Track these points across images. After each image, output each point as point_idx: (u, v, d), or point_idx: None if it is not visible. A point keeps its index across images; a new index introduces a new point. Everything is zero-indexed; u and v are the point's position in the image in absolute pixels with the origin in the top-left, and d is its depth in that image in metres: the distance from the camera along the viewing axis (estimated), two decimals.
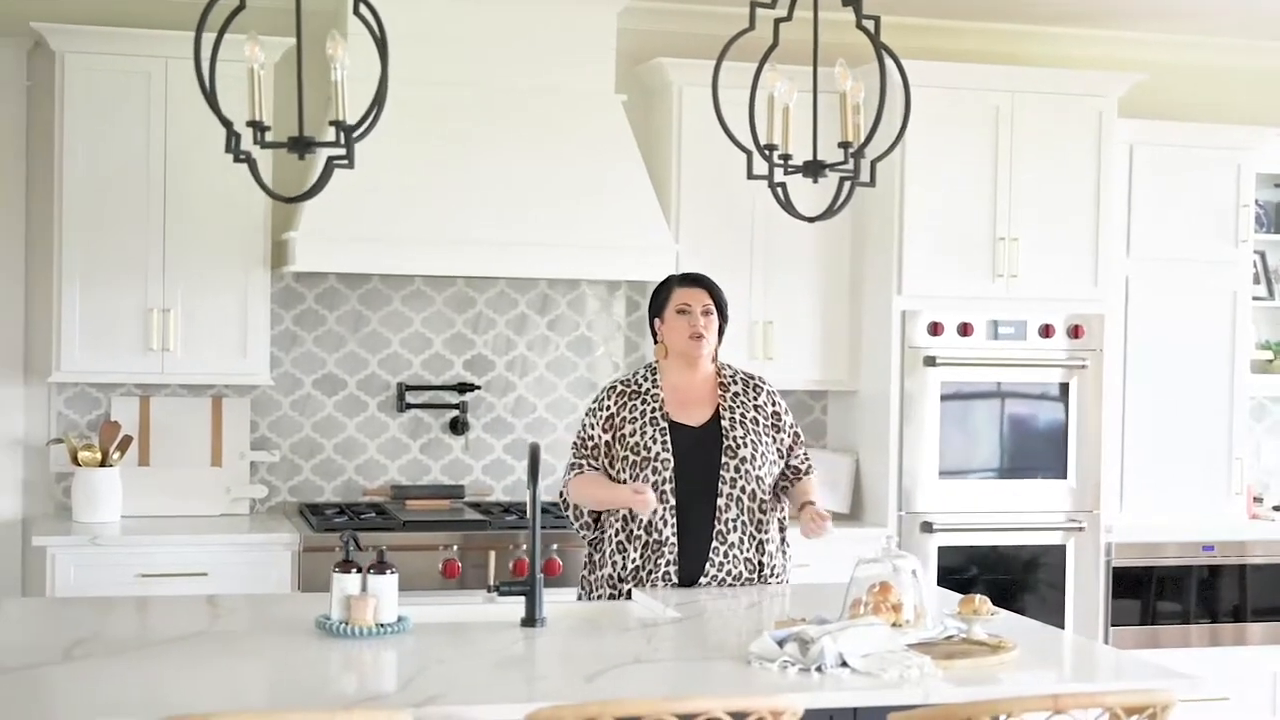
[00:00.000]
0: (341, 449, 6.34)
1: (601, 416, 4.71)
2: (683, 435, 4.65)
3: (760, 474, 4.65)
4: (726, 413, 4.68)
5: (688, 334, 4.70)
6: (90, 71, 5.78)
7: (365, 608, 3.90)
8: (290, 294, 6.27)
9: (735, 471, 4.62)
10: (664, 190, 6.26)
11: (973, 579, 6.25)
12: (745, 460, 4.63)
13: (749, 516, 4.63)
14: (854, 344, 6.46)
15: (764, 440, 4.69)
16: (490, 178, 5.93)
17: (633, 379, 4.78)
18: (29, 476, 6.07)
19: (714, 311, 4.75)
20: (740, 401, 4.71)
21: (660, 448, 4.61)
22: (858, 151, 3.97)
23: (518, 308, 6.49)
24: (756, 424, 4.69)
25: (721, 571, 4.60)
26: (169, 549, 5.59)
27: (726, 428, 4.66)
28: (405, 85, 5.89)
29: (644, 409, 4.67)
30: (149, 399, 6.11)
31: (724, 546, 4.61)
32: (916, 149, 6.19)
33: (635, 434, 4.64)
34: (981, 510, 6.29)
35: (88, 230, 5.77)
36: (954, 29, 6.70)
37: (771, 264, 6.36)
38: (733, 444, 4.64)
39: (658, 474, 4.60)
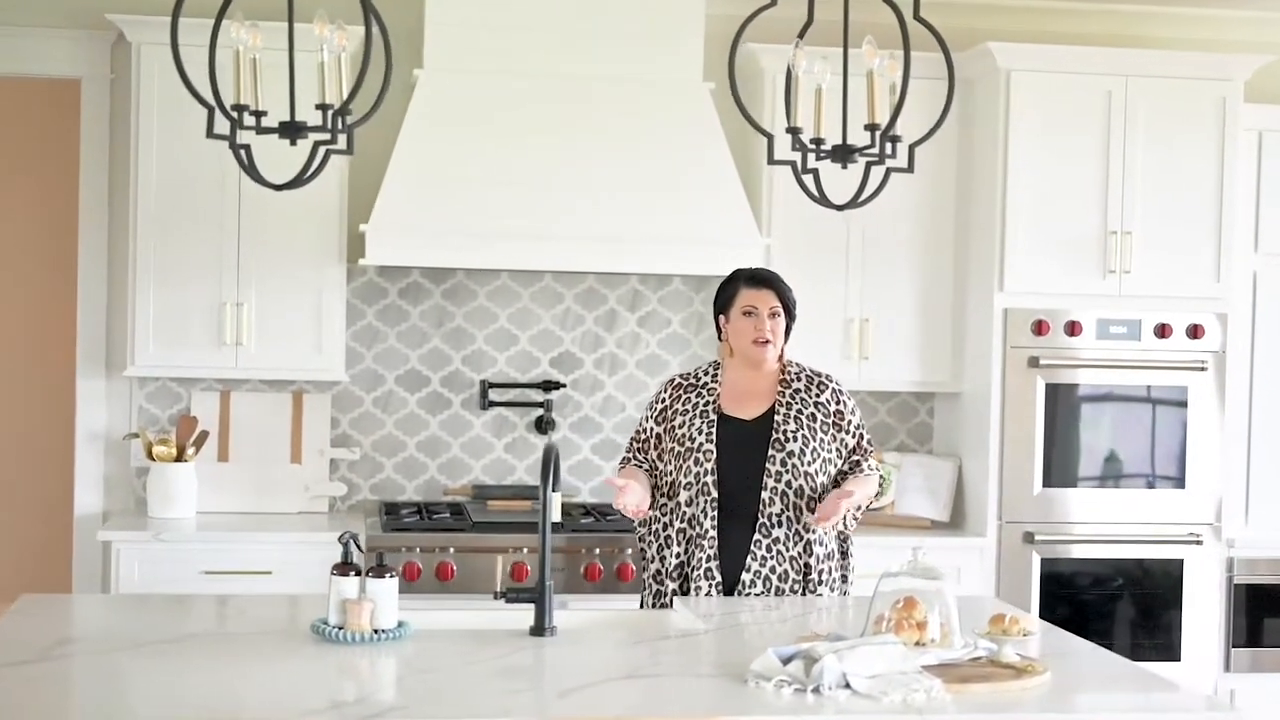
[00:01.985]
0: (424, 447, 6.21)
1: (657, 409, 4.63)
2: (732, 428, 4.49)
3: (810, 470, 4.44)
4: (781, 408, 4.49)
5: (753, 338, 4.52)
6: (166, 63, 5.70)
7: (361, 612, 3.74)
8: (372, 288, 6.16)
9: (781, 465, 4.43)
10: (755, 182, 6.01)
11: (1078, 595, 5.90)
12: (793, 455, 4.43)
13: (795, 513, 4.43)
14: (957, 343, 6.14)
15: (818, 438, 4.48)
16: (574, 169, 5.75)
17: (694, 373, 4.65)
18: (110, 471, 6.05)
19: (781, 314, 4.55)
20: (800, 398, 4.51)
21: (705, 439, 4.47)
22: (884, 133, 3.69)
23: (607, 304, 6.30)
24: (814, 420, 4.49)
25: (765, 568, 4.42)
26: (235, 546, 5.52)
27: (778, 422, 4.47)
28: (488, 75, 5.77)
29: (698, 402, 4.55)
30: (229, 394, 6.05)
31: (767, 540, 4.43)
32: (1021, 137, 5.86)
33: (684, 425, 4.52)
34: (1088, 521, 5.92)
35: (163, 224, 5.72)
36: (1061, 10, 6.33)
37: (868, 259, 6.07)
38: (781, 437, 4.45)
39: (700, 465, 4.46)
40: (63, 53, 6.00)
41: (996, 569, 5.88)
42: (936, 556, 5.71)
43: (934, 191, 6.10)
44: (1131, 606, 5.93)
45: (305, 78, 3.81)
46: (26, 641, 3.60)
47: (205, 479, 5.93)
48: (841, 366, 6.01)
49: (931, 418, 6.44)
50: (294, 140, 3.65)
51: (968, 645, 3.62)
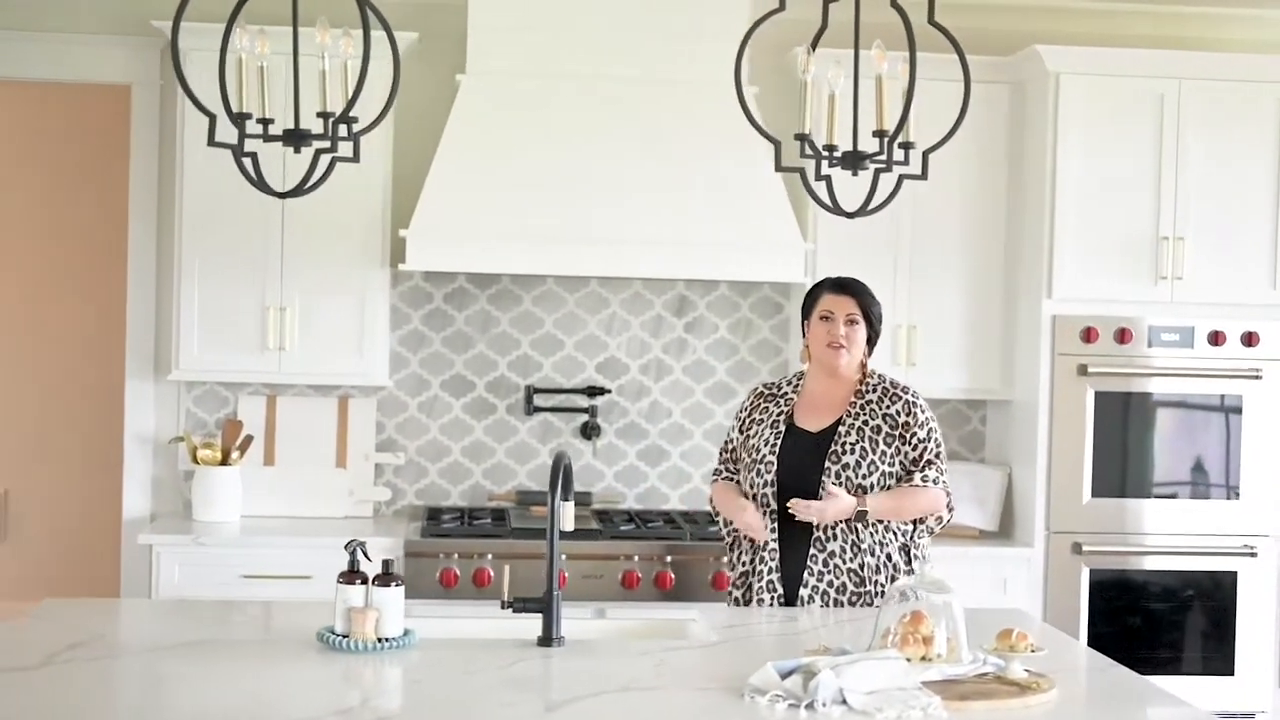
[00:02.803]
0: (469, 453, 6.21)
1: (741, 419, 4.64)
2: (797, 439, 4.47)
3: (866, 484, 4.38)
4: (848, 419, 4.44)
5: (826, 342, 4.49)
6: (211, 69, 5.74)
7: (366, 621, 3.73)
8: (418, 293, 6.17)
9: (836, 478, 4.37)
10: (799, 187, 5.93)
11: (1128, 608, 5.78)
12: (848, 467, 4.38)
13: (849, 526, 4.37)
14: (1006, 350, 6.04)
15: (879, 450, 4.41)
16: (616, 173, 5.73)
17: (778, 382, 4.66)
18: (158, 474, 6.11)
19: (860, 320, 4.51)
20: (870, 409, 4.46)
21: (768, 451, 4.46)
22: (892, 139, 3.62)
23: (653, 309, 6.27)
24: (877, 432, 4.42)
25: (822, 582, 4.37)
26: (275, 551, 5.54)
27: (840, 434, 4.42)
28: (532, 79, 5.76)
29: (774, 411, 4.54)
30: (275, 398, 6.08)
31: (823, 555, 4.39)
32: (1070, 141, 5.76)
33: (755, 436, 4.52)
34: (1139, 532, 5.80)
35: (207, 229, 5.76)
36: (1111, 11, 6.22)
37: (917, 265, 5.99)
38: (839, 449, 4.40)
39: (761, 477, 4.45)
40: (114, 59, 6.06)
41: (1044, 580, 5.78)
42: (982, 567, 5.71)
43: (984, 196, 6.01)
44: (1183, 619, 5.80)
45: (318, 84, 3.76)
46: (35, 645, 3.63)
47: (250, 483, 5.97)
48: (889, 373, 5.91)
49: (984, 425, 6.34)
50: (298, 148, 3.63)
51: (975, 661, 3.55)
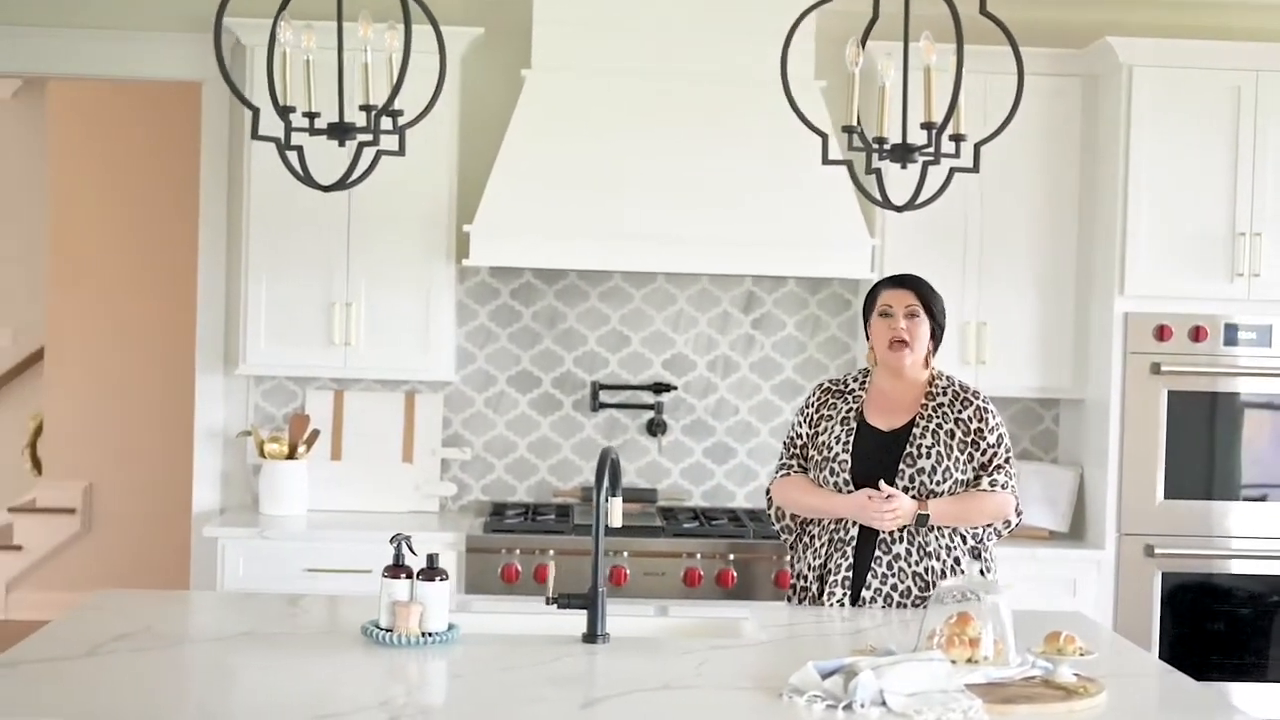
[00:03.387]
0: (535, 448, 6.20)
1: (808, 414, 4.54)
2: (869, 438, 4.39)
3: (939, 489, 4.31)
4: (922, 421, 4.36)
5: (887, 339, 4.41)
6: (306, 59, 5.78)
7: (410, 615, 3.73)
8: (485, 289, 6.17)
9: (910, 481, 4.31)
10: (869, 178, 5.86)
11: (1202, 612, 5.66)
12: (923, 471, 4.31)
13: (914, 528, 4.30)
14: (1079, 348, 5.93)
15: (954, 455, 4.33)
16: (681, 169, 5.69)
17: (843, 379, 4.57)
18: (227, 467, 6.14)
19: (920, 314, 4.41)
20: (942, 412, 4.38)
21: (841, 448, 4.38)
22: (940, 131, 3.56)
23: (720, 305, 6.22)
24: (951, 436, 4.35)
25: (885, 585, 4.31)
26: (338, 545, 5.55)
27: (916, 435, 4.35)
28: (597, 75, 5.74)
29: (842, 408, 4.46)
30: (343, 393, 6.10)
31: (887, 557, 4.31)
32: (1143, 134, 5.65)
33: (826, 432, 4.44)
34: (1213, 534, 5.67)
35: (274, 224, 5.79)
36: (1186, 2, 6.08)
37: (986, 261, 5.90)
38: (914, 452, 4.33)
39: (835, 475, 4.37)
40: (185, 56, 6.10)
41: (1115, 583, 5.67)
42: (1051, 569, 5.62)
43: (1056, 191, 5.91)
44: (1260, 625, 5.67)
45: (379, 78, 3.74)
46: (83, 636, 3.66)
47: (317, 477, 5.99)
48: (957, 371, 5.84)
49: (1056, 425, 6.24)
50: (342, 142, 3.63)
51: (1023, 664, 3.48)
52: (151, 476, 8.35)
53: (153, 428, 8.41)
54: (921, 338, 4.42)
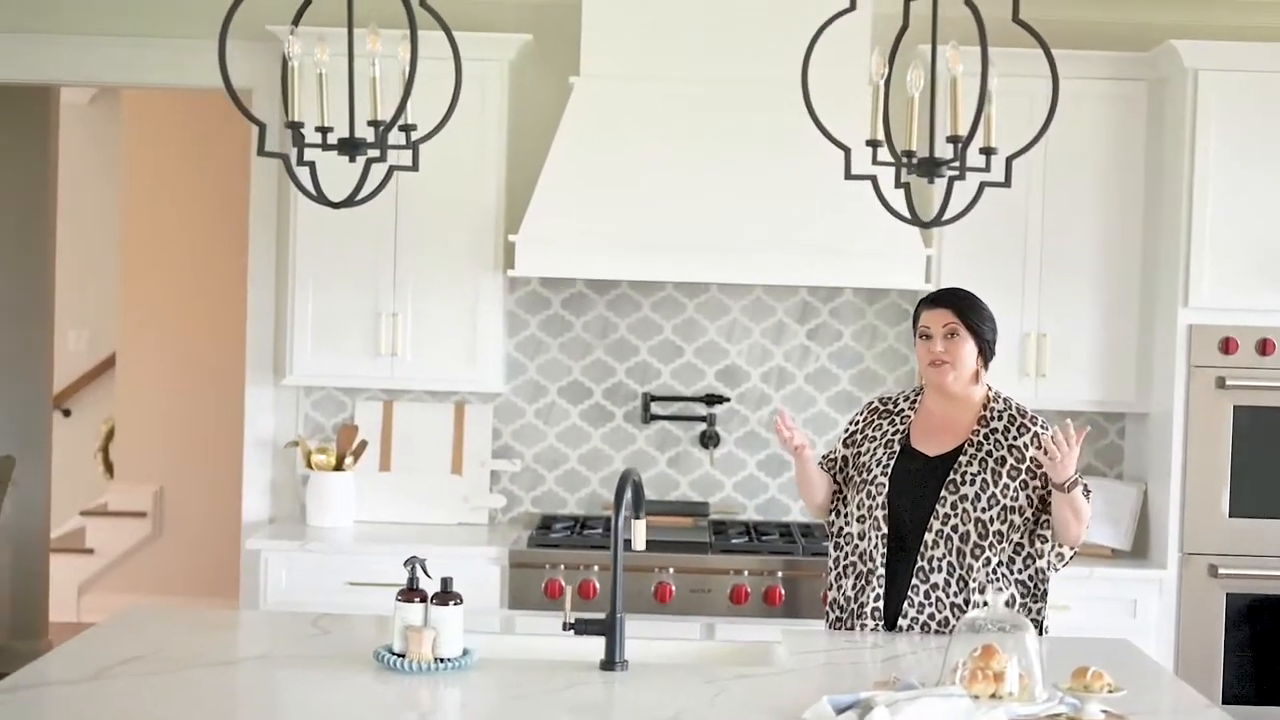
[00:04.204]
0: (586, 460, 6.11)
1: (849, 431, 4.44)
2: (912, 462, 4.25)
3: (984, 517, 4.14)
4: (970, 447, 4.21)
5: (927, 361, 4.26)
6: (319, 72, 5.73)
7: (423, 640, 3.65)
8: (536, 299, 6.08)
9: (951, 508, 4.15)
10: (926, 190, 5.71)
11: (1269, 634, 5.46)
12: (965, 498, 4.15)
13: (958, 559, 4.15)
14: (1143, 361, 5.74)
15: (1002, 483, 4.16)
16: (732, 177, 5.58)
17: (894, 398, 4.44)
18: (277, 477, 6.11)
19: (961, 332, 4.23)
20: (994, 439, 4.21)
21: (880, 472, 4.25)
22: (966, 144, 3.42)
23: (775, 315, 6.10)
24: (1002, 464, 4.17)
25: (923, 614, 4.16)
26: (381, 558, 5.48)
27: (961, 462, 4.19)
28: (646, 82, 5.64)
29: (888, 430, 4.33)
30: (392, 404, 6.05)
31: (924, 585, 4.17)
32: (1209, 141, 5.45)
33: (868, 454, 4.32)
34: None
35: (321, 233, 5.74)
36: (1254, 3, 5.87)
37: (1047, 270, 5.72)
38: (957, 478, 4.17)
39: (872, 499, 4.25)
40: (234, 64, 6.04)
41: (1177, 603, 5.49)
42: (1110, 588, 5.45)
43: (1120, 199, 5.72)
44: None
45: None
46: (93, 657, 3.63)
47: (366, 488, 5.94)
48: (1017, 384, 5.70)
49: (1121, 439, 6.05)
50: (353, 158, 3.55)
51: (1049, 700, 3.35)
52: (219, 481, 8.35)
53: (221, 433, 8.42)
54: (963, 356, 4.24)
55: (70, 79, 6.52)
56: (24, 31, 6.14)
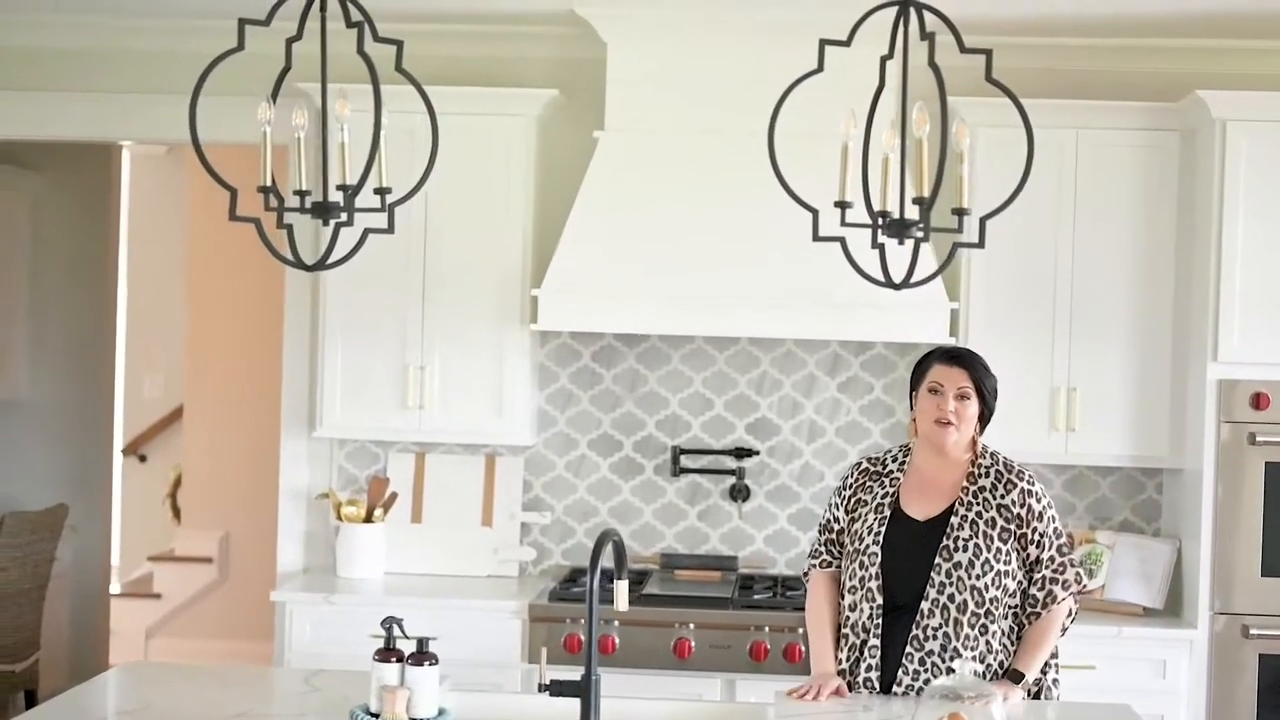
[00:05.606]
0: (616, 513, 6.11)
1: (845, 496, 4.32)
2: (903, 528, 4.16)
3: (979, 585, 4.06)
4: (961, 508, 4.12)
5: (934, 417, 4.16)
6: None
7: (396, 700, 3.67)
8: (566, 351, 6.11)
9: (946, 576, 4.07)
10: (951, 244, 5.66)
11: None
12: (960, 565, 4.06)
13: (955, 629, 4.06)
14: (1176, 416, 5.64)
15: (994, 547, 4.08)
16: (758, 229, 5.56)
17: (882, 458, 4.33)
18: (311, 528, 6.17)
19: (972, 396, 4.15)
20: (983, 498, 4.13)
21: (872, 540, 4.16)
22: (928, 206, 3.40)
23: (806, 368, 6.07)
24: (992, 526, 4.10)
25: (918, 681, 4.06)
26: (404, 610, 5.39)
27: (953, 525, 4.11)
28: (671, 135, 5.65)
29: (878, 493, 4.23)
30: (424, 456, 6.09)
31: (919, 654, 4.07)
32: (1239, 192, 5.36)
33: (860, 519, 4.22)
34: None
35: (349, 287, 5.80)
36: (1274, 51, 5.77)
37: (1078, 323, 5.64)
38: (951, 545, 4.09)
39: (865, 569, 4.15)
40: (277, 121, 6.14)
41: (1208, 664, 5.37)
42: (1138, 647, 5.37)
43: (1153, 250, 5.64)
44: None
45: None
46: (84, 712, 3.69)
47: (397, 540, 5.98)
48: (1047, 438, 5.64)
49: (1159, 494, 5.95)
50: (325, 220, 3.60)
51: None
52: (248, 537, 8.50)
53: (245, 487, 8.56)
54: (969, 419, 4.16)
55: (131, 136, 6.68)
56: (87, 90, 6.27)
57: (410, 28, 5.84)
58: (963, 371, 4.17)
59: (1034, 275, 5.66)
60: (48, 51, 6.22)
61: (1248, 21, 5.55)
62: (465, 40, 5.99)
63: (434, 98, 5.69)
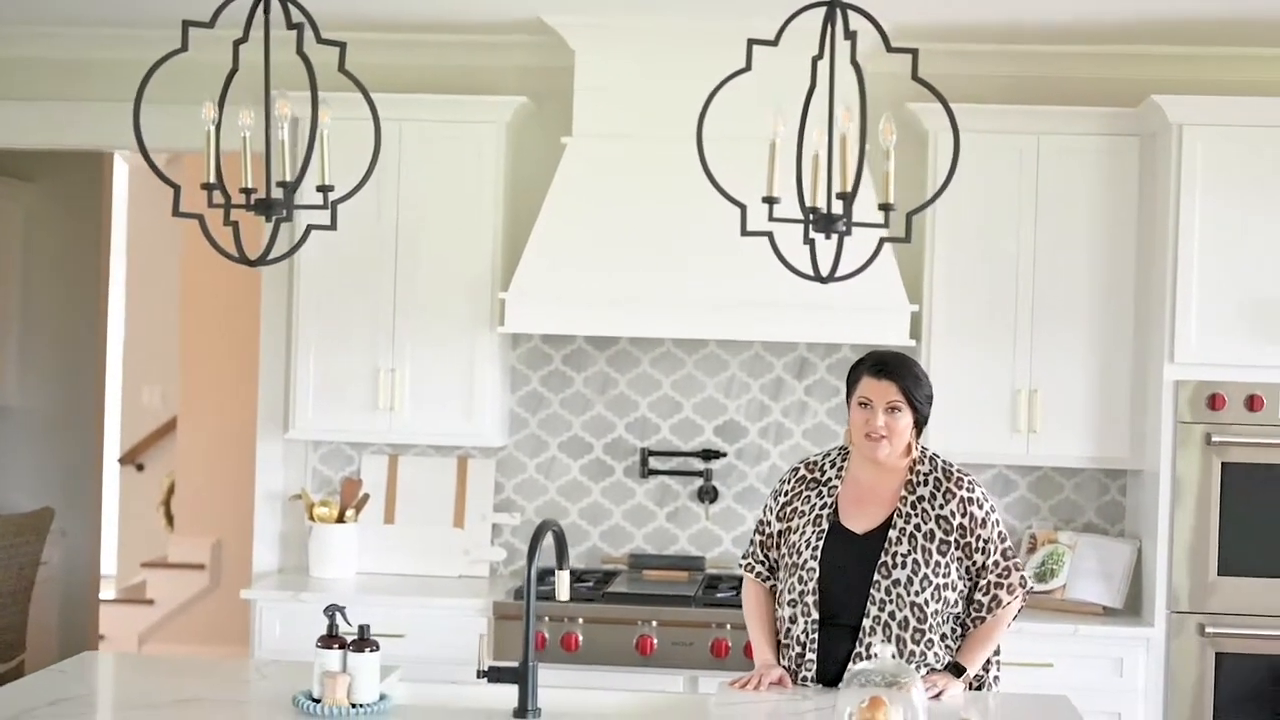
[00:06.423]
0: (586, 514, 6.19)
1: (780, 502, 4.32)
2: (841, 542, 4.14)
3: (919, 600, 4.06)
4: (899, 520, 4.11)
5: (864, 432, 4.13)
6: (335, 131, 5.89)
7: (338, 686, 3.75)
8: (537, 355, 6.19)
9: (886, 594, 4.07)
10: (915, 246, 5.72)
11: (1259, 696, 5.38)
12: (899, 583, 4.06)
13: (899, 646, 4.06)
14: (1136, 418, 5.70)
15: (933, 560, 4.08)
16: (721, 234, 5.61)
17: (820, 463, 4.30)
18: (287, 530, 6.25)
19: (903, 407, 4.10)
20: (921, 508, 4.12)
21: (810, 555, 4.15)
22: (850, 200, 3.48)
23: (773, 371, 6.14)
24: (931, 538, 4.09)
25: None
26: (374, 609, 5.56)
27: (891, 540, 4.10)
28: (638, 141, 5.73)
29: (816, 503, 4.21)
30: (397, 458, 6.17)
31: (867, 653, 4.08)
32: (1194, 195, 5.42)
33: (797, 530, 4.21)
34: (1271, 614, 5.38)
35: (321, 291, 5.89)
36: (1239, 57, 5.82)
37: (1039, 326, 5.70)
38: (889, 560, 4.08)
39: (803, 584, 4.14)
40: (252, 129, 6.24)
41: (1165, 663, 5.42)
42: (1096, 646, 5.42)
43: (1114, 254, 5.69)
44: None
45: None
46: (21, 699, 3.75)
47: (370, 541, 6.07)
48: (1009, 440, 5.70)
49: (1123, 496, 6.00)
50: (269, 217, 3.68)
51: None
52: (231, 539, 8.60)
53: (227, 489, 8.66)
54: (901, 432, 4.11)
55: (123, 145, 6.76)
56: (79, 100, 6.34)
57: (382, 37, 6.00)
58: (891, 384, 4.11)
59: (996, 278, 5.73)
60: (38, 61, 6.32)
61: (1205, 28, 5.62)
62: (436, 49, 6.08)
63: (405, 105, 5.87)
